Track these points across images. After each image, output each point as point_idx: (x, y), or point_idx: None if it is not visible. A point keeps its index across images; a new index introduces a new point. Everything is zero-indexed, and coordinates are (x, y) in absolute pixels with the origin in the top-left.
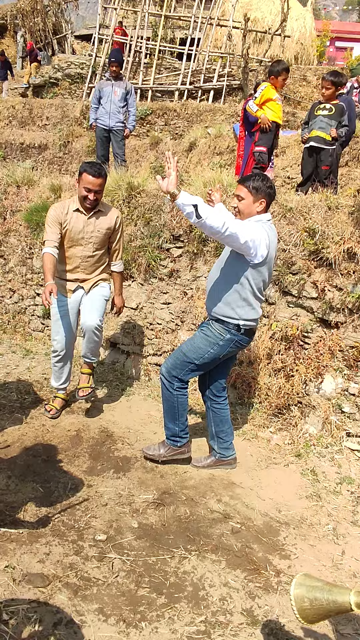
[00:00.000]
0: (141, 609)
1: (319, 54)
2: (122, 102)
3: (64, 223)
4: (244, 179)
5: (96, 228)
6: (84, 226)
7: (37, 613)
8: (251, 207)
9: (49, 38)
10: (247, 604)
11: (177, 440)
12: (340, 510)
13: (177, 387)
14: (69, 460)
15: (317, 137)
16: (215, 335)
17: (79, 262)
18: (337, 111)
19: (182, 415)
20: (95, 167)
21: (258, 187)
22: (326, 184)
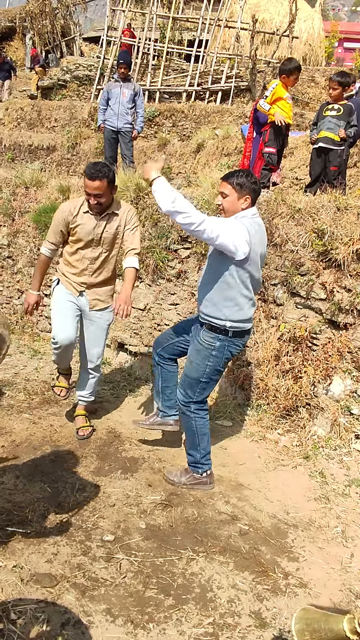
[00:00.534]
0: (149, 610)
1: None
2: (131, 103)
3: (73, 224)
4: (227, 176)
5: (106, 229)
6: (94, 228)
7: (45, 613)
8: (236, 203)
9: (58, 40)
10: (255, 606)
11: (199, 467)
12: (349, 512)
13: (194, 409)
14: (77, 461)
15: (325, 138)
16: (206, 347)
17: (87, 264)
18: (345, 111)
19: (202, 441)
20: (94, 169)
21: (242, 184)
22: (335, 185)
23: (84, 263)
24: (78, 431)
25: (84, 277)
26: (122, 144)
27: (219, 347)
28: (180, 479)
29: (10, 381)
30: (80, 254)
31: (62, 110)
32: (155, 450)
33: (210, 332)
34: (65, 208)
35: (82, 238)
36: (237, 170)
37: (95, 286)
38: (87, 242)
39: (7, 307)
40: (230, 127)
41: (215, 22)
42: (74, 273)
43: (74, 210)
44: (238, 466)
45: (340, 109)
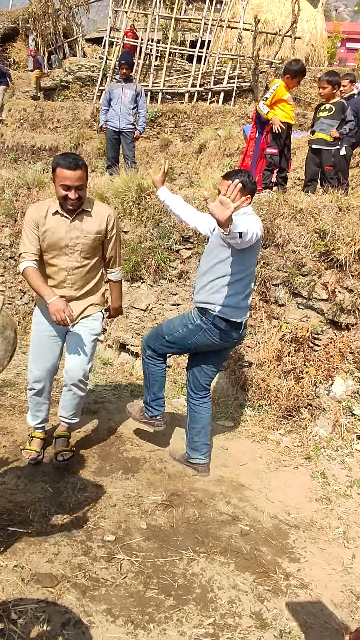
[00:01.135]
0: (149, 610)
1: (329, 55)
2: (132, 104)
3: (41, 227)
4: (229, 175)
5: (82, 233)
6: (67, 231)
7: (46, 613)
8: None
9: (60, 41)
10: (255, 607)
11: (148, 410)
12: (351, 513)
13: (148, 354)
14: (78, 461)
15: (318, 139)
16: (188, 318)
17: (65, 276)
18: (337, 110)
19: (153, 386)
20: (70, 158)
21: (245, 183)
22: (332, 184)
23: (60, 274)
24: (57, 455)
25: (63, 290)
26: (124, 145)
27: (197, 324)
28: (134, 411)
29: (12, 381)
30: (55, 265)
31: (65, 111)
32: (156, 450)
33: (199, 311)
34: (35, 209)
35: (54, 244)
36: (238, 170)
37: (78, 299)
38: (61, 249)
39: (9, 307)
40: (233, 127)
41: (218, 23)
42: (52, 286)
43: (43, 211)
44: (239, 467)
45: (332, 108)
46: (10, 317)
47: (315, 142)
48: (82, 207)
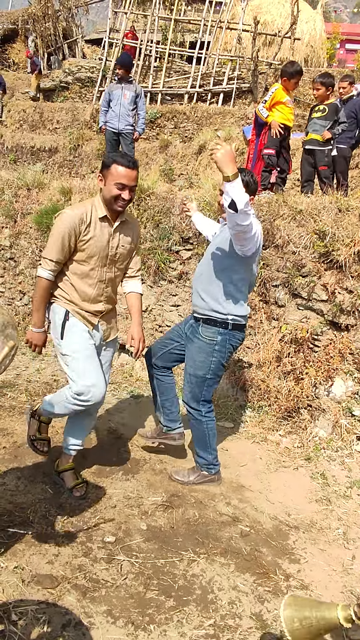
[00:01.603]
0: (150, 611)
1: (329, 57)
2: (132, 105)
3: (84, 235)
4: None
5: (121, 242)
6: (109, 240)
7: (46, 614)
8: None
9: (60, 42)
10: (256, 608)
11: (211, 468)
12: (351, 514)
13: (205, 412)
14: (78, 462)
15: (311, 140)
16: (208, 344)
17: (103, 289)
18: (330, 111)
19: (212, 442)
20: (128, 157)
21: (247, 183)
22: (327, 183)
23: (98, 288)
24: (73, 491)
25: (98, 304)
26: (124, 146)
27: (221, 340)
28: (190, 479)
29: (12, 382)
30: (93, 277)
31: (64, 112)
32: (156, 451)
33: (209, 326)
34: (74, 215)
35: (97, 254)
36: (241, 169)
37: (108, 314)
38: (102, 259)
39: (9, 308)
40: (232, 128)
41: (217, 24)
42: (87, 300)
43: (86, 217)
44: (239, 467)
45: (325, 109)
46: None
47: (309, 142)
48: (125, 217)
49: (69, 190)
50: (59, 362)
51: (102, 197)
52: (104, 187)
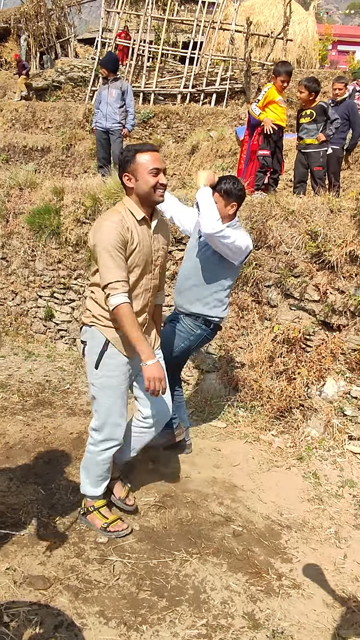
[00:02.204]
0: (142, 612)
1: (321, 58)
2: (118, 102)
3: (130, 244)
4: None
5: (161, 244)
6: (151, 243)
7: (38, 615)
8: (223, 210)
9: (52, 42)
10: (248, 608)
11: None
12: (343, 513)
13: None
14: (71, 463)
15: (305, 145)
16: (187, 331)
17: (148, 299)
18: (318, 114)
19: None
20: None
21: (229, 190)
22: (320, 184)
23: (144, 298)
24: (125, 501)
25: (143, 316)
26: (113, 144)
27: (198, 334)
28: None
29: (3, 383)
30: (139, 287)
31: (57, 112)
32: (149, 452)
33: (195, 320)
34: (116, 223)
35: (143, 261)
36: (224, 177)
37: (149, 325)
38: (146, 266)
39: (0, 308)
40: (225, 129)
41: (210, 25)
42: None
43: (128, 223)
44: (232, 467)
45: (312, 113)
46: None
47: (305, 147)
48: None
49: (62, 190)
50: (89, 389)
51: (137, 195)
52: (136, 184)
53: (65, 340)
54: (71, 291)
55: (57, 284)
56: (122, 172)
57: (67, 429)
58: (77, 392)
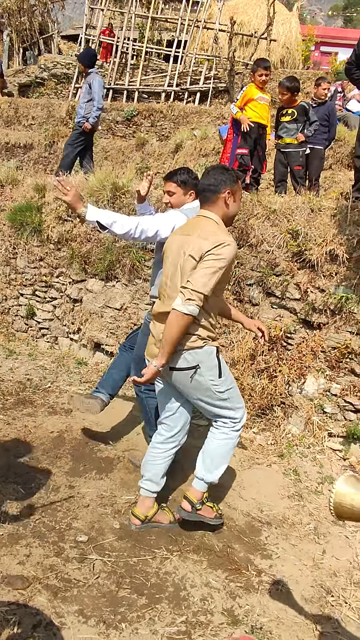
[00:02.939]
0: (122, 610)
1: (304, 58)
2: (86, 97)
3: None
4: (170, 175)
5: None
6: None
7: (16, 615)
8: (182, 199)
9: (35, 38)
10: (227, 604)
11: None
12: (322, 509)
13: (144, 389)
14: (51, 462)
15: (285, 144)
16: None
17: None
18: (299, 113)
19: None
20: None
21: (185, 180)
22: (301, 183)
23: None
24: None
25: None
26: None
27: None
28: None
29: None
30: (220, 300)
31: (40, 108)
32: (130, 450)
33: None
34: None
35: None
36: (178, 169)
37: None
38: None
39: None
40: (208, 128)
41: (194, 23)
42: (212, 326)
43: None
44: None
45: (293, 112)
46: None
47: (284, 146)
48: None
49: (43, 188)
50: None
51: (224, 215)
52: (232, 204)
53: (47, 339)
54: (53, 289)
55: (38, 282)
56: (224, 186)
57: (48, 427)
58: (58, 391)
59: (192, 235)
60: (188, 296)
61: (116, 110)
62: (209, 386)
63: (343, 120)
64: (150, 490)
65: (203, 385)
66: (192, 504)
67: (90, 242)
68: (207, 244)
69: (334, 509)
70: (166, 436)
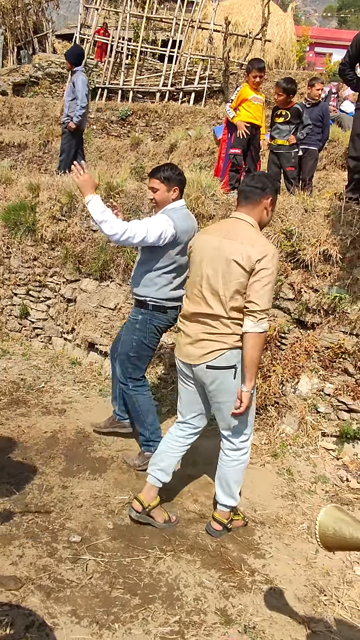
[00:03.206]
0: (115, 610)
1: (298, 59)
2: (70, 95)
3: None
4: (154, 171)
5: None
6: None
7: (9, 616)
8: (166, 195)
9: (30, 37)
10: (221, 604)
11: (150, 444)
12: (315, 509)
13: (132, 387)
14: (45, 462)
15: (277, 145)
16: (131, 321)
17: None
18: (292, 115)
19: (147, 417)
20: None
21: (169, 177)
22: (295, 184)
23: None
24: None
25: None
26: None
27: (141, 320)
28: (135, 462)
29: None
30: None
31: (34, 108)
32: (124, 450)
33: (135, 308)
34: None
35: None
36: (162, 165)
37: None
38: None
39: None
40: (203, 128)
41: (189, 23)
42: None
43: None
44: (207, 465)
45: (287, 114)
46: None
47: (275, 147)
48: None
49: (37, 187)
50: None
51: (260, 221)
52: (270, 213)
53: (41, 339)
54: (47, 289)
55: (32, 282)
56: (269, 192)
57: (41, 428)
58: (52, 391)
59: (234, 240)
60: (260, 317)
61: (111, 109)
62: (233, 390)
63: (337, 121)
64: (161, 480)
65: (233, 389)
66: (222, 524)
67: (84, 241)
68: (255, 253)
69: (320, 541)
70: (189, 432)
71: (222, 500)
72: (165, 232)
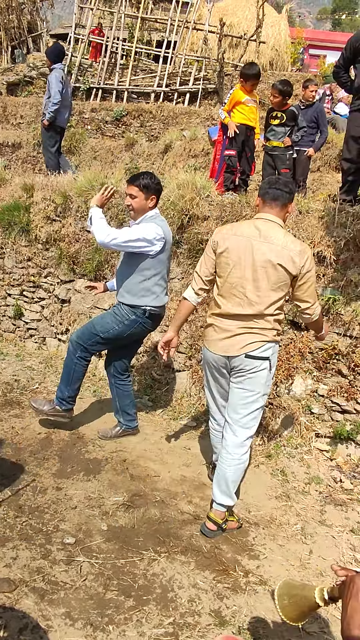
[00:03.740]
0: (109, 612)
1: (293, 61)
2: (47, 93)
3: None
4: (133, 179)
5: None
6: None
7: (2, 619)
8: (143, 203)
9: (24, 36)
10: (215, 605)
11: (64, 403)
12: (309, 510)
13: (79, 355)
14: (39, 463)
15: (272, 147)
16: (122, 315)
17: None
18: (288, 117)
19: (74, 383)
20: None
21: (148, 185)
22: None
23: None
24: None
25: None
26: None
27: (133, 319)
28: (44, 408)
29: None
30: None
31: (29, 107)
32: (118, 451)
33: (131, 307)
34: None
35: None
36: (141, 173)
37: None
38: None
39: None
40: (198, 129)
41: (184, 24)
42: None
43: None
44: (201, 466)
45: (283, 116)
46: None
47: (270, 149)
48: None
49: (32, 187)
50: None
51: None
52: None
53: (35, 339)
54: (41, 289)
55: (26, 282)
56: (291, 199)
57: (35, 429)
58: (46, 392)
59: (274, 244)
60: (315, 308)
61: (105, 110)
62: (266, 381)
63: (331, 123)
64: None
65: (262, 379)
66: (217, 524)
67: (78, 242)
68: (298, 256)
69: (282, 614)
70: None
71: (219, 499)
72: (158, 237)
